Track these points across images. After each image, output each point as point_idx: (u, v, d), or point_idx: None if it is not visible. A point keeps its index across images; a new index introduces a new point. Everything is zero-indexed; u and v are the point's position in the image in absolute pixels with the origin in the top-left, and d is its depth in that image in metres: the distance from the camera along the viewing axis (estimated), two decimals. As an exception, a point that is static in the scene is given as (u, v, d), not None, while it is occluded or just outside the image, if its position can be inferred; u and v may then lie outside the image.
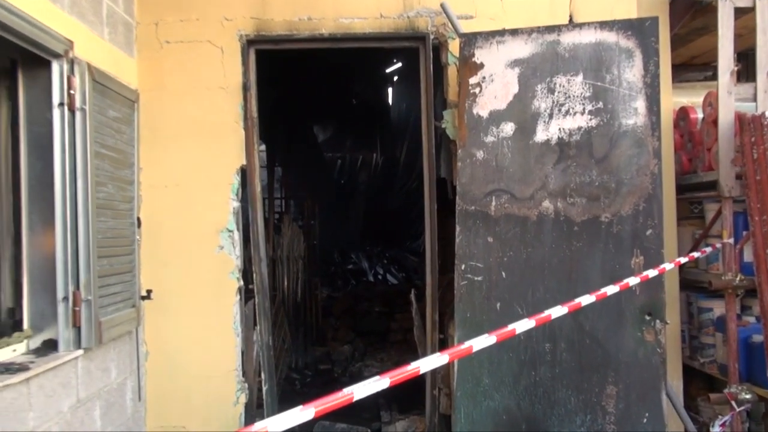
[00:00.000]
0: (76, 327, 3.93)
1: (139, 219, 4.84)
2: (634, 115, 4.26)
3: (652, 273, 3.77)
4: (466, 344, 2.31)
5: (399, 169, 18.38)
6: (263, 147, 12.21)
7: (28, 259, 3.90)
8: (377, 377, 1.94)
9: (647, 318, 4.12)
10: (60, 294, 3.88)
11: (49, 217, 3.88)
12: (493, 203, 4.45)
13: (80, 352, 3.99)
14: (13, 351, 3.76)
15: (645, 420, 4.10)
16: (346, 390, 1.84)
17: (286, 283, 9.04)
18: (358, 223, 18.51)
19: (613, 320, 4.20)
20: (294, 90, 11.76)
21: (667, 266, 3.96)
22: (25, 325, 3.91)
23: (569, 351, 4.25)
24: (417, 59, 5.10)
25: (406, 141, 18.39)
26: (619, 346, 4.17)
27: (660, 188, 4.19)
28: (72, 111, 3.89)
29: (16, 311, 3.90)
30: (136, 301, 4.71)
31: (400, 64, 16.20)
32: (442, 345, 5.09)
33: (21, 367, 3.51)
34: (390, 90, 18.93)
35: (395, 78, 18.19)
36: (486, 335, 2.39)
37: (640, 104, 4.26)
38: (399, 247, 17.24)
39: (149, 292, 4.96)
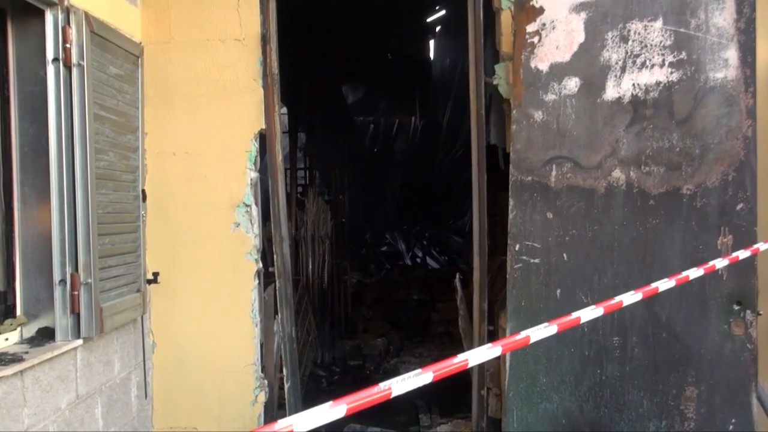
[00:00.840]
0: (75, 314, 4.01)
1: (144, 191, 4.90)
2: (724, 67, 4.15)
3: (742, 254, 3.69)
4: (522, 335, 2.29)
5: (442, 134, 18.31)
6: (284, 109, 12.24)
7: (21, 237, 3.98)
8: (418, 370, 1.94)
9: (736, 308, 4.05)
10: (56, 276, 3.95)
11: (44, 189, 3.94)
12: (554, 173, 4.40)
13: (79, 342, 4.07)
14: (6, 340, 3.85)
15: (731, 427, 4.05)
16: (383, 385, 1.84)
17: (310, 266, 9.12)
18: (393, 199, 18.55)
19: (694, 310, 4.14)
20: (321, 44, 11.74)
21: (762, 246, 3.88)
22: (18, 311, 3.99)
23: (642, 346, 4.21)
24: (463, 5, 5.04)
25: (450, 102, 18.29)
26: (702, 341, 4.11)
27: (754, 154, 4.10)
28: (68, 67, 3.93)
29: (8, 295, 3.98)
30: (142, 285, 4.79)
31: (443, 12, 16.05)
32: (492, 338, 5.09)
33: (14, 358, 3.60)
34: (431, 43, 18.78)
35: (437, 28, 18.04)
36: (545, 325, 2.37)
37: (732, 54, 4.15)
38: (441, 227, 17.24)
39: (156, 275, 5.04)
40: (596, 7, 4.38)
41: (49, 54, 3.92)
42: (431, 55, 18.99)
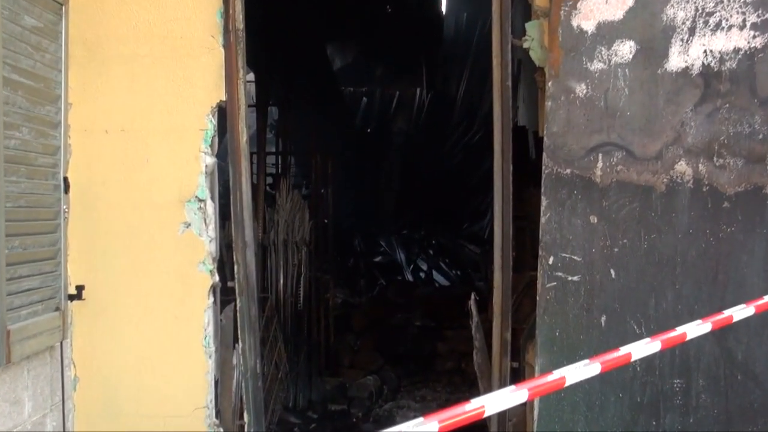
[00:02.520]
0: (-27, 338, 3.99)
1: (66, 180, 4.89)
2: (822, 31, 4.16)
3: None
4: (555, 375, 2.29)
5: (455, 112, 18.37)
6: (251, 76, 12.23)
7: None
8: (420, 419, 1.94)
9: (833, 344, 4.05)
10: (-50, 288, 3.93)
11: (-64, 174, 3.92)
12: (600, 164, 4.40)
13: (-21, 374, 4.05)
14: None
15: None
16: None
17: (281, 281, 9.11)
18: (391, 194, 18.59)
19: (779, 346, 4.14)
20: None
21: None
22: None
23: (711, 391, 4.21)
24: (486, -57, 5.04)
25: (466, 70, 18.33)
26: (789, 386, 4.11)
27: None
28: (-31, 16, 3.92)
29: None
30: (62, 303, 4.77)
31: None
32: (516, 378, 5.09)
33: None
34: (443, -6, 18.85)
35: (452, -25, 18.11)
36: (585, 362, 2.37)
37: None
38: (452, 232, 17.27)
39: (80, 289, 5.02)
40: (658, -50, 4.40)
41: (-55, -1, 3.90)
42: (443, 8, 18.99)
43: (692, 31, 4.35)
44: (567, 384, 2.33)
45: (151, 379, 5.12)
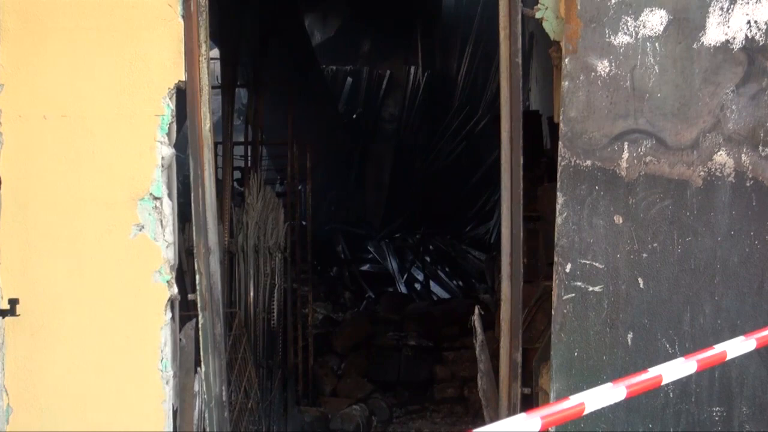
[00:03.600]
0: None
1: (-3, 174, 4.89)
2: None
3: None
4: (573, 401, 2.30)
5: (456, 95, 18.36)
6: (216, 52, 12.21)
7: None
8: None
9: None
10: None
11: None
12: (626, 155, 4.41)
13: None
14: None
15: None
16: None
17: (252, 293, 9.09)
18: (381, 191, 18.55)
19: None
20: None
21: None
22: None
23: (757, 420, 4.22)
24: None
25: (469, 46, 18.32)
26: None
27: None
28: None
29: None
30: (-8, 319, 4.76)
31: None
32: (528, 405, 5.10)
33: None
34: (442, -46, 18.84)
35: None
36: (608, 386, 2.38)
37: None
38: (453, 235, 17.25)
39: (14, 303, 5.00)
40: None
41: None
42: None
43: (733, -1, 4.37)
44: (587, 412, 2.33)
45: (97, 409, 5.11)
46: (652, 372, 2.57)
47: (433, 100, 18.71)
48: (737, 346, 2.86)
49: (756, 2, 4.35)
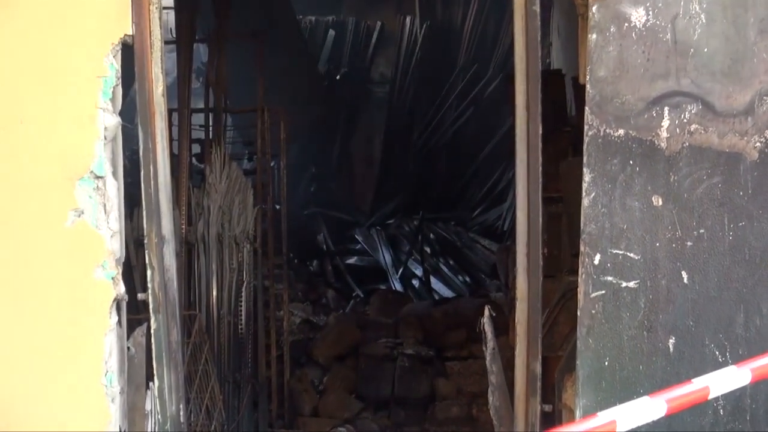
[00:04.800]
0: None
1: None
2: None
3: None
4: (602, 418, 2.31)
5: (461, 51, 18.31)
6: (171, 0, 12.16)
7: None
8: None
9: None
10: None
11: None
12: (666, 123, 4.41)
13: None
14: None
15: None
16: None
17: (214, 292, 9.10)
18: (371, 168, 18.54)
19: None
20: None
21: None
22: None
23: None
24: None
25: (476, -9, 18.30)
26: None
27: None
28: None
29: None
30: None
31: None
32: (549, 425, 5.12)
33: None
34: None
35: None
36: (644, 400, 2.38)
37: None
38: (458, 221, 17.25)
39: (-73, 305, 5.01)
40: None
41: None
42: None
43: (796, -67, 4.38)
44: (620, 430, 2.35)
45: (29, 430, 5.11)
46: (698, 383, 2.58)
47: (434, 58, 18.67)
48: (801, 353, 2.87)
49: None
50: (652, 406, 2.43)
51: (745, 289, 4.39)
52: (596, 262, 4.47)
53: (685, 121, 4.44)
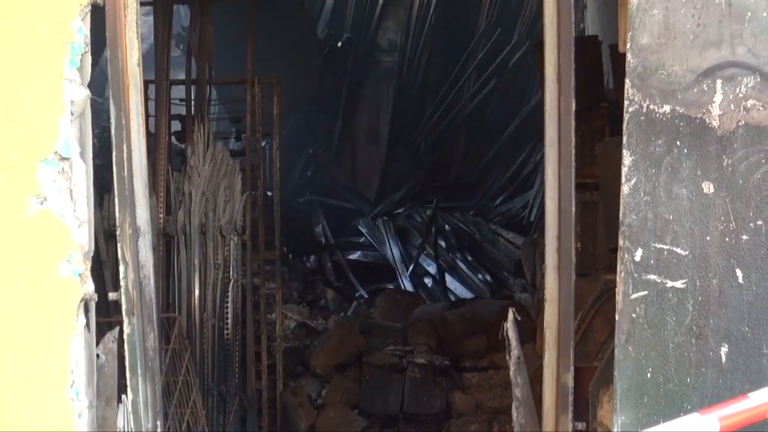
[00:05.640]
0: None
1: None
2: None
3: None
4: (646, 439, 2.31)
5: (481, 14, 18.28)
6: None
7: None
8: None
9: None
10: None
11: None
12: (719, 97, 4.41)
13: None
14: None
15: None
16: None
17: (197, 292, 9.11)
18: (377, 149, 18.51)
19: None
20: None
21: None
22: None
23: None
24: None
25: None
26: None
27: None
28: None
29: None
30: None
31: None
32: (583, 446, 5.13)
33: None
34: None
35: None
36: (693, 417, 2.38)
37: None
38: (477, 211, 17.23)
39: None
40: None
41: None
42: None
43: None
44: (664, 454, 2.35)
45: (-17, 452, 5.13)
46: (755, 399, 2.58)
47: (450, 22, 18.66)
48: None
49: None
50: (703, 425, 2.44)
51: (810, 290, 4.39)
52: (637, 258, 4.46)
53: (740, 95, 4.43)
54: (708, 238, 4.44)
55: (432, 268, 16.13)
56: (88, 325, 5.13)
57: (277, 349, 10.40)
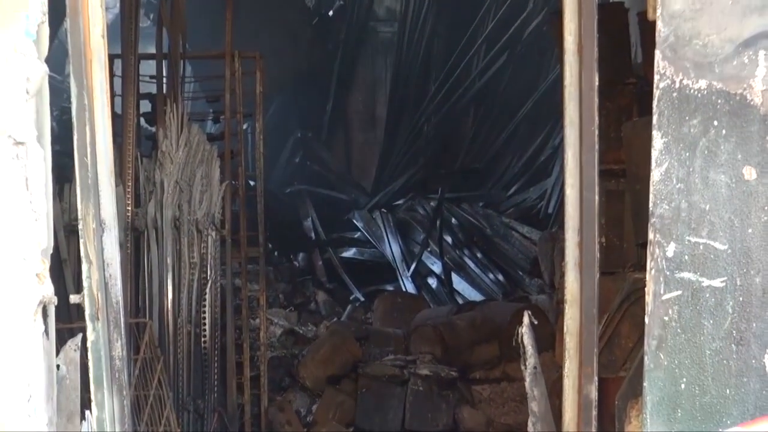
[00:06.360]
0: None
1: None
2: None
3: None
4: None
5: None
6: None
7: None
8: None
9: None
10: None
11: None
12: (762, 71, 4.41)
13: None
14: None
15: None
16: None
17: (170, 294, 9.11)
18: (374, 133, 18.49)
19: None
20: None
21: None
22: None
23: None
24: None
25: None
26: None
27: None
28: None
29: None
30: None
31: None
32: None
33: None
34: None
35: None
36: (734, 431, 2.39)
37: None
38: (488, 202, 17.24)
39: None
40: None
41: None
42: None
43: None
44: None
45: (-72, 477, 5.14)
46: (803, 412, 2.59)
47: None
48: None
49: None
50: (745, 441, 2.45)
51: None
52: (670, 253, 4.46)
53: (787, 67, 4.44)
54: (750, 230, 4.44)
55: (437, 267, 16.13)
56: (46, 331, 5.12)
57: (262, 359, 10.40)
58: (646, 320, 4.51)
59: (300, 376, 11.50)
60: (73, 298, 5.26)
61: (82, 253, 5.21)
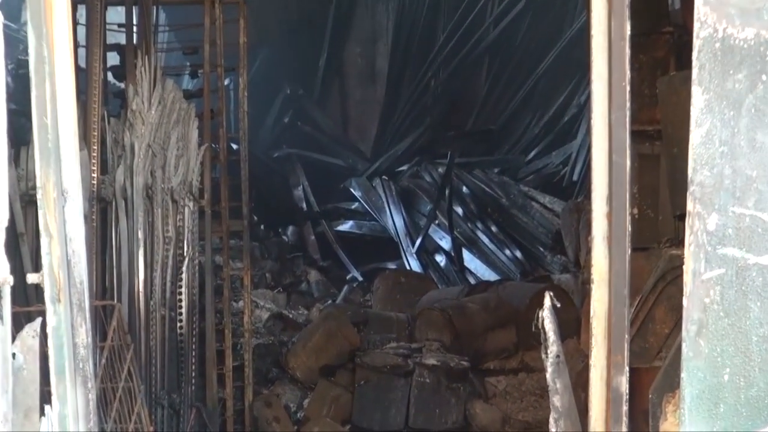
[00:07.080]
0: None
1: None
2: None
3: None
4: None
5: None
6: None
7: None
8: None
9: None
10: None
11: None
12: (815, 20, 4.41)
13: None
14: None
15: None
16: None
17: (142, 273, 9.11)
18: (373, 91, 18.50)
19: None
20: None
21: None
22: None
23: None
24: None
25: None
26: None
27: None
28: None
29: None
30: None
31: None
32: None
33: None
34: None
35: None
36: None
37: None
38: (504, 169, 17.24)
39: None
40: None
41: None
42: None
43: None
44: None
45: None
46: None
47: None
48: None
49: None
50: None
51: None
52: (711, 227, 4.45)
53: None
54: (803, 200, 4.44)
55: (445, 243, 16.15)
56: (1, 315, 5.13)
57: (246, 347, 10.42)
58: (684, 302, 4.50)
59: (289, 366, 11.50)
60: (31, 278, 5.26)
61: (41, 227, 5.21)
